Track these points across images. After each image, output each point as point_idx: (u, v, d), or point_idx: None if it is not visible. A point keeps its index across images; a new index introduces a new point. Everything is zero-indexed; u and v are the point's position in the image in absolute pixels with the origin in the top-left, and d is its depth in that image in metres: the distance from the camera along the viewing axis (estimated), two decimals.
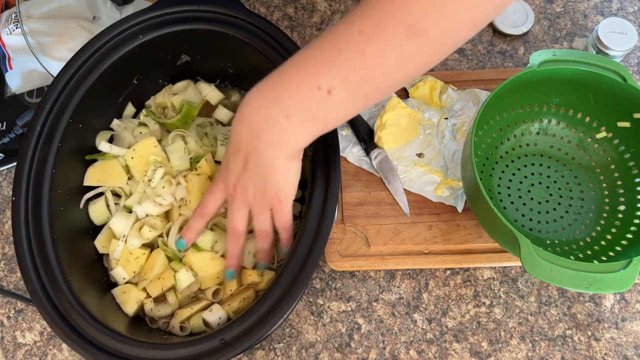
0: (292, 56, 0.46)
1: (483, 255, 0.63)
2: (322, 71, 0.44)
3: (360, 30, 0.42)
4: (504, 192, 0.65)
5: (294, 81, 0.45)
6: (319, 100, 0.44)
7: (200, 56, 0.66)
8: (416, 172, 0.68)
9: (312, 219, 0.52)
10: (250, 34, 0.61)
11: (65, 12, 0.78)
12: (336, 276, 0.66)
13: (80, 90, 0.59)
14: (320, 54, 0.44)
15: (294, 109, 0.45)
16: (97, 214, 0.62)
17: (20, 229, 0.54)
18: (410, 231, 0.65)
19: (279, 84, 0.46)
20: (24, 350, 0.65)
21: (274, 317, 0.49)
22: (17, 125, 0.74)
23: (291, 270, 0.50)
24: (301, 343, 0.63)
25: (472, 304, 0.64)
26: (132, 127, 0.65)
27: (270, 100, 0.46)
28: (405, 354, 0.62)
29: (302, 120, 0.46)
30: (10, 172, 0.74)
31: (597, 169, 0.66)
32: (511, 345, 0.62)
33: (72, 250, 0.57)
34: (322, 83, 0.44)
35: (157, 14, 0.62)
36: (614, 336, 0.62)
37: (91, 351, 0.50)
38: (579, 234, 0.63)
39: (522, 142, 0.67)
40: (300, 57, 0.46)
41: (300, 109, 0.45)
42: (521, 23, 0.77)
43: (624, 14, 0.79)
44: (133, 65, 0.63)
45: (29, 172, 0.56)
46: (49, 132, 0.58)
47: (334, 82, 0.44)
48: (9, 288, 0.68)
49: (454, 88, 0.71)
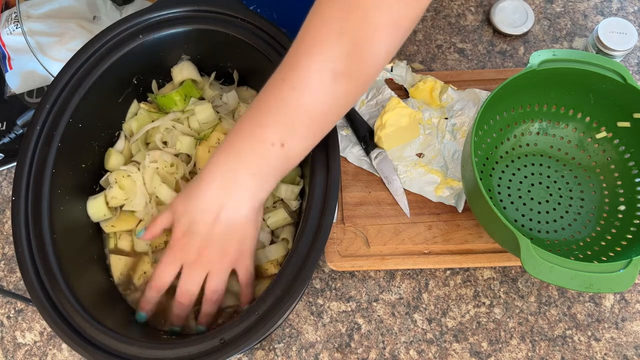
0: (240, 120, 0.51)
1: (483, 255, 0.63)
2: (268, 131, 0.49)
3: (292, 87, 0.47)
4: (504, 192, 0.65)
5: (247, 146, 0.50)
6: (276, 154, 0.49)
7: (200, 56, 0.66)
8: (416, 172, 0.68)
9: (312, 219, 0.52)
10: (250, 33, 0.61)
11: (65, 12, 0.78)
12: (336, 276, 0.66)
13: (80, 90, 0.59)
14: (262, 116, 0.49)
15: (257, 167, 0.50)
16: (96, 210, 0.61)
17: (20, 229, 0.54)
18: (410, 231, 0.65)
19: (237, 149, 0.50)
20: (24, 350, 0.65)
21: (273, 317, 0.49)
22: (17, 125, 0.74)
23: (291, 270, 0.50)
24: (301, 343, 0.63)
25: (472, 304, 0.64)
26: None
27: (234, 163, 0.50)
28: (405, 354, 0.62)
29: (267, 174, 0.51)
30: (10, 172, 0.74)
31: (597, 169, 0.66)
32: (511, 345, 0.62)
33: (72, 250, 0.57)
34: (273, 140, 0.49)
35: (157, 14, 0.62)
36: (614, 336, 0.62)
37: (91, 351, 0.50)
38: (579, 234, 0.63)
39: (522, 142, 0.67)
40: (248, 121, 0.50)
41: (262, 166, 0.50)
42: (521, 23, 0.77)
43: (624, 14, 0.79)
44: (133, 65, 0.63)
45: (29, 172, 0.56)
46: (49, 132, 0.58)
47: (284, 137, 0.49)
48: (9, 288, 0.68)
49: (454, 88, 0.71)
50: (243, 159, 0.50)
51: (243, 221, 0.52)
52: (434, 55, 0.77)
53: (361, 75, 0.47)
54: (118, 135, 0.66)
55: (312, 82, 0.46)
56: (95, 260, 0.61)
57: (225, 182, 0.51)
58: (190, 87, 0.65)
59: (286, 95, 0.47)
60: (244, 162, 0.50)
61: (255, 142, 0.49)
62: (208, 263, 0.52)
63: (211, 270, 0.53)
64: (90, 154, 0.63)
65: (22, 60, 0.77)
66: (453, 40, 0.78)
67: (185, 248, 0.52)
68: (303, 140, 0.50)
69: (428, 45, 0.78)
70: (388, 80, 0.73)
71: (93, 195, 0.62)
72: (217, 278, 0.53)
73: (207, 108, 0.63)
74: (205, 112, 0.63)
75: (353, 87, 0.48)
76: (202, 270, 0.53)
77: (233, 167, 0.50)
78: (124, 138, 0.65)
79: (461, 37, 0.78)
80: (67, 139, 0.58)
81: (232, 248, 0.52)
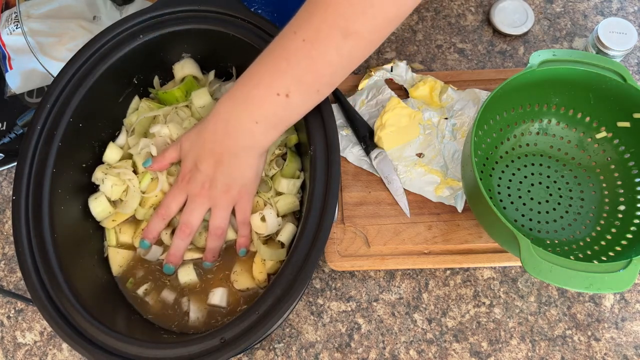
0: (249, 67, 0.53)
1: (483, 255, 0.63)
2: (276, 79, 0.51)
3: (304, 39, 0.49)
4: (504, 192, 0.65)
5: (255, 93, 0.52)
6: (280, 104, 0.52)
7: (200, 56, 0.66)
8: (416, 172, 0.68)
9: (312, 219, 0.52)
10: (250, 33, 0.61)
11: (65, 12, 0.78)
12: (336, 276, 0.66)
13: (80, 90, 0.59)
14: (274, 63, 0.51)
15: (261, 116, 0.52)
16: (100, 210, 0.61)
17: (20, 229, 0.54)
18: (410, 231, 0.65)
19: (244, 95, 0.53)
20: (24, 350, 0.65)
21: (274, 317, 0.49)
22: (17, 125, 0.74)
23: (291, 270, 0.50)
24: (301, 343, 0.63)
25: (472, 304, 0.64)
26: None
27: (240, 110, 0.53)
28: (405, 354, 0.62)
29: (269, 123, 0.53)
30: (10, 172, 0.74)
31: (597, 169, 0.66)
32: (511, 345, 0.62)
33: (73, 250, 0.57)
34: (279, 90, 0.51)
35: (157, 14, 0.62)
36: (613, 336, 0.62)
37: (91, 350, 0.50)
38: (579, 234, 0.63)
39: (522, 142, 0.67)
40: (256, 69, 0.52)
41: (266, 115, 0.52)
42: (521, 23, 0.77)
43: (624, 14, 0.79)
44: (133, 65, 0.63)
45: (29, 172, 0.56)
46: (49, 132, 0.58)
47: (290, 87, 0.51)
48: (9, 288, 0.68)
49: (454, 88, 0.71)
50: (247, 106, 0.52)
51: (244, 166, 0.55)
52: (434, 55, 0.77)
53: (371, 34, 0.49)
54: (118, 134, 0.66)
55: (324, 36, 0.48)
56: (96, 259, 0.61)
57: (229, 127, 0.53)
58: (191, 83, 0.65)
59: (297, 47, 0.49)
60: (248, 109, 0.52)
61: (262, 89, 0.51)
62: (211, 198, 0.56)
63: (214, 206, 0.57)
64: (90, 153, 0.63)
65: (22, 60, 0.77)
66: (453, 40, 0.78)
67: (191, 181, 0.56)
68: (307, 94, 0.52)
69: (428, 45, 0.78)
70: (388, 80, 0.73)
71: (93, 195, 0.62)
72: (220, 214, 0.57)
73: (204, 92, 0.64)
74: (202, 97, 0.64)
75: (362, 46, 0.50)
76: (205, 203, 0.56)
77: (238, 114, 0.53)
78: (125, 133, 0.65)
79: (461, 37, 0.78)
80: (67, 139, 0.58)
81: (234, 189, 0.56)
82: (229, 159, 0.54)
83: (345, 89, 0.73)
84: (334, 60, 0.50)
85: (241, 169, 0.55)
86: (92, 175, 0.63)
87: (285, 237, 0.59)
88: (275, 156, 0.62)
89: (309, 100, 0.53)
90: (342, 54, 0.49)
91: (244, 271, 0.59)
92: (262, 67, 0.52)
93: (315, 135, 0.56)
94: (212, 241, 0.58)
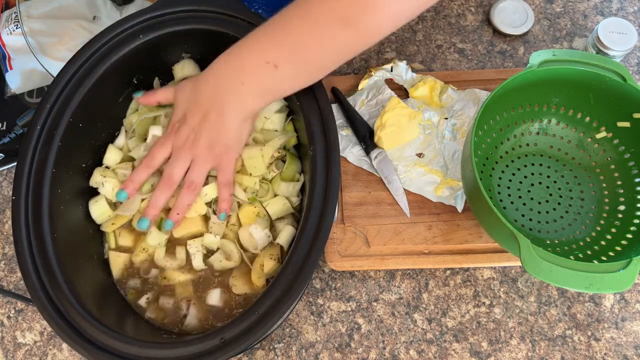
0: (254, 30, 0.54)
1: (483, 255, 0.63)
2: (270, 48, 0.52)
3: (302, 17, 0.50)
4: (504, 192, 0.65)
5: (247, 55, 0.53)
6: (267, 73, 0.52)
7: (200, 56, 0.66)
8: (416, 172, 0.68)
9: (312, 219, 0.52)
10: None
11: (65, 12, 0.78)
12: (336, 276, 0.66)
13: (80, 90, 0.59)
14: (272, 33, 0.53)
15: (248, 78, 0.53)
16: (100, 213, 0.61)
17: (20, 229, 0.54)
18: (410, 231, 0.65)
19: (238, 55, 0.54)
20: (24, 350, 0.65)
21: (273, 317, 0.49)
22: (17, 125, 0.74)
23: (291, 270, 0.51)
24: (301, 343, 0.63)
25: (472, 304, 0.64)
26: None
27: (232, 69, 0.54)
28: (405, 354, 0.62)
29: (256, 88, 0.54)
30: (10, 172, 0.74)
31: (597, 169, 0.66)
32: (511, 345, 0.62)
33: (73, 250, 0.57)
34: (269, 58, 0.52)
35: (157, 14, 0.62)
36: (613, 336, 0.62)
37: (91, 350, 0.50)
38: (579, 234, 0.63)
39: (522, 142, 0.67)
40: (257, 33, 0.53)
41: (253, 79, 0.53)
42: (521, 23, 0.77)
43: (624, 14, 0.79)
44: (133, 65, 0.63)
45: (29, 172, 0.56)
46: (49, 132, 0.58)
47: (279, 59, 0.52)
48: (9, 288, 0.68)
49: (454, 88, 0.71)
50: (236, 69, 0.54)
51: (229, 126, 0.55)
52: (434, 55, 0.77)
53: (367, 29, 0.50)
54: (118, 134, 0.66)
55: (321, 20, 0.49)
56: (95, 259, 0.61)
57: (218, 87, 0.55)
58: None
59: (294, 23, 0.51)
60: (236, 72, 0.54)
61: (254, 54, 0.53)
62: (193, 152, 0.56)
63: (194, 160, 0.56)
64: (90, 153, 0.63)
65: (22, 60, 0.77)
66: (453, 40, 0.78)
67: (178, 133, 0.57)
68: (295, 70, 0.53)
69: (428, 45, 0.78)
70: (388, 80, 0.73)
71: (94, 198, 0.62)
72: (198, 169, 0.57)
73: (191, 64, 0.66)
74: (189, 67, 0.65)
75: (357, 39, 0.51)
76: (187, 157, 0.56)
77: (228, 75, 0.54)
78: (124, 134, 0.65)
79: (461, 37, 0.78)
80: (67, 139, 0.58)
81: (216, 148, 0.56)
82: (216, 116, 0.55)
83: (345, 89, 0.73)
84: (327, 45, 0.51)
85: (225, 128, 0.55)
86: (91, 179, 0.62)
87: (284, 239, 0.58)
88: (275, 159, 0.61)
89: (297, 77, 0.54)
90: (337, 42, 0.50)
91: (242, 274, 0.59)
92: (262, 32, 0.53)
93: (316, 135, 0.56)
94: (183, 195, 0.57)
